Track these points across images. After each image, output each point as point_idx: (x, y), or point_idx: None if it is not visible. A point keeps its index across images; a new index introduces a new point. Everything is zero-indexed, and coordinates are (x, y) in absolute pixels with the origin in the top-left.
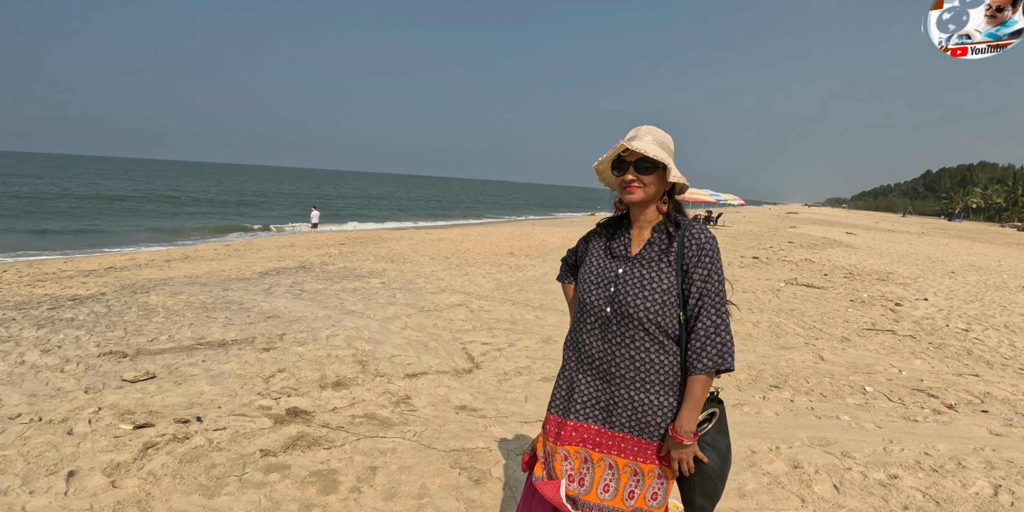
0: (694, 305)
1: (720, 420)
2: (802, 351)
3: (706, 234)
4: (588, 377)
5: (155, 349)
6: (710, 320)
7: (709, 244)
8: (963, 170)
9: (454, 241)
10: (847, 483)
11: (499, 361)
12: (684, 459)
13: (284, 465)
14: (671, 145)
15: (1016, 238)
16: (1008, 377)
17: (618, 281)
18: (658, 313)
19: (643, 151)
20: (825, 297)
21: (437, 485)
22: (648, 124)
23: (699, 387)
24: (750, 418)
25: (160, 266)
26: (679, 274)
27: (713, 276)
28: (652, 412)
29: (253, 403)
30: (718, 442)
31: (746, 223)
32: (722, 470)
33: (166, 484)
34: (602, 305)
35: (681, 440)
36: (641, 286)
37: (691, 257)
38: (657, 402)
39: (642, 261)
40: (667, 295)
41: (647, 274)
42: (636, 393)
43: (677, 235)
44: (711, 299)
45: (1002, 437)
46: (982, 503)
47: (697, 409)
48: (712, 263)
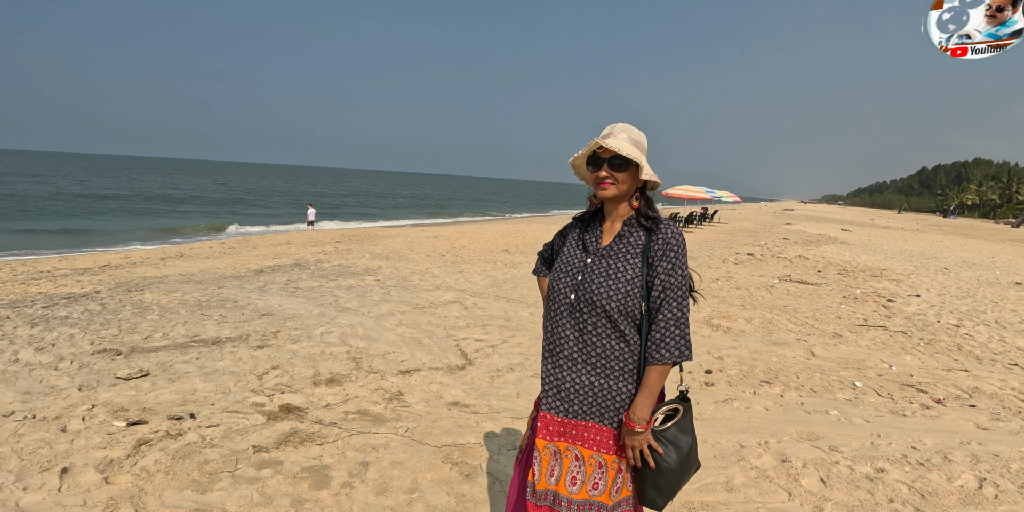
0: (656, 297)
1: (684, 419)
2: (793, 347)
3: (673, 230)
4: (552, 366)
5: (149, 347)
6: (671, 313)
7: (675, 240)
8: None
9: (450, 238)
10: (834, 477)
11: (492, 358)
12: (636, 447)
13: (277, 461)
14: (645, 143)
15: (1010, 234)
16: (997, 372)
17: (585, 270)
18: (620, 302)
19: (616, 149)
20: (818, 293)
21: (428, 480)
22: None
23: (655, 377)
24: (740, 413)
25: (155, 264)
26: (644, 267)
27: (677, 270)
28: (611, 397)
29: (246, 400)
30: (679, 440)
31: (742, 220)
32: (680, 468)
33: (159, 480)
34: (567, 292)
35: (632, 426)
36: (606, 276)
37: (657, 251)
38: (616, 387)
39: (611, 253)
40: (630, 286)
41: (614, 265)
42: (597, 379)
43: (646, 230)
44: (673, 293)
45: (989, 431)
46: (967, 496)
47: (651, 398)
48: (677, 258)
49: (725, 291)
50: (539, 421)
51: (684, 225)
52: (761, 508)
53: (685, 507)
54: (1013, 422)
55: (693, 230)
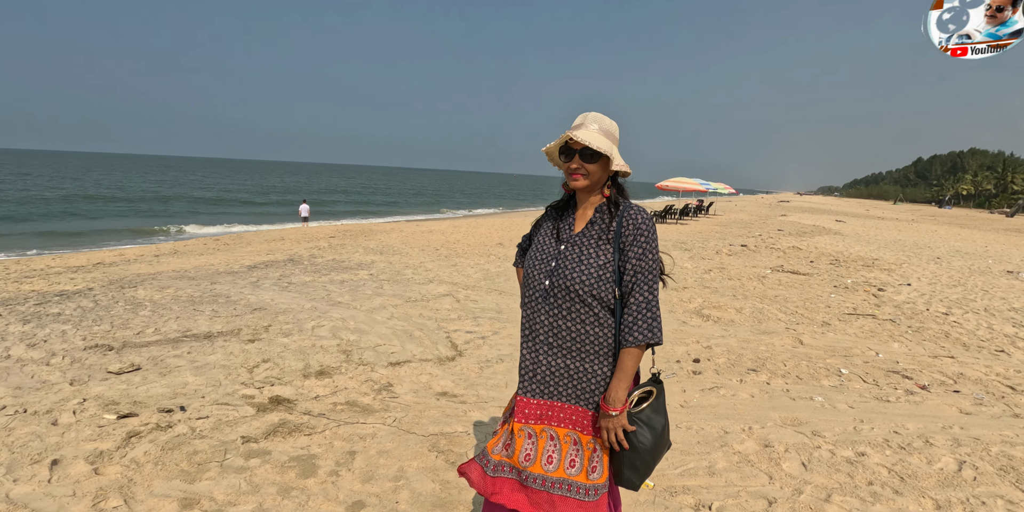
0: (628, 281)
1: (657, 400)
2: (782, 336)
3: (643, 215)
4: (528, 351)
5: (141, 342)
6: (642, 296)
7: (645, 224)
8: (954, 157)
9: (444, 233)
10: (815, 461)
11: (482, 349)
12: (611, 429)
13: (265, 451)
14: (616, 132)
15: (1004, 224)
16: (983, 358)
17: (559, 257)
18: (593, 287)
19: (585, 142)
20: (809, 283)
21: (414, 468)
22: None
23: (629, 359)
24: (726, 400)
25: (149, 261)
26: (616, 252)
27: (648, 255)
28: (588, 379)
29: (236, 392)
30: (653, 421)
31: (737, 212)
32: (654, 448)
33: (148, 470)
34: (542, 278)
35: (608, 409)
36: (579, 261)
37: (628, 236)
38: (592, 370)
39: (583, 239)
40: (603, 270)
41: (586, 251)
42: (574, 362)
43: (617, 216)
44: (644, 276)
45: (971, 416)
46: (945, 478)
47: (626, 380)
48: (647, 242)
49: (717, 282)
50: (516, 405)
51: (679, 217)
52: (742, 491)
53: (668, 491)
54: (996, 406)
55: (688, 222)
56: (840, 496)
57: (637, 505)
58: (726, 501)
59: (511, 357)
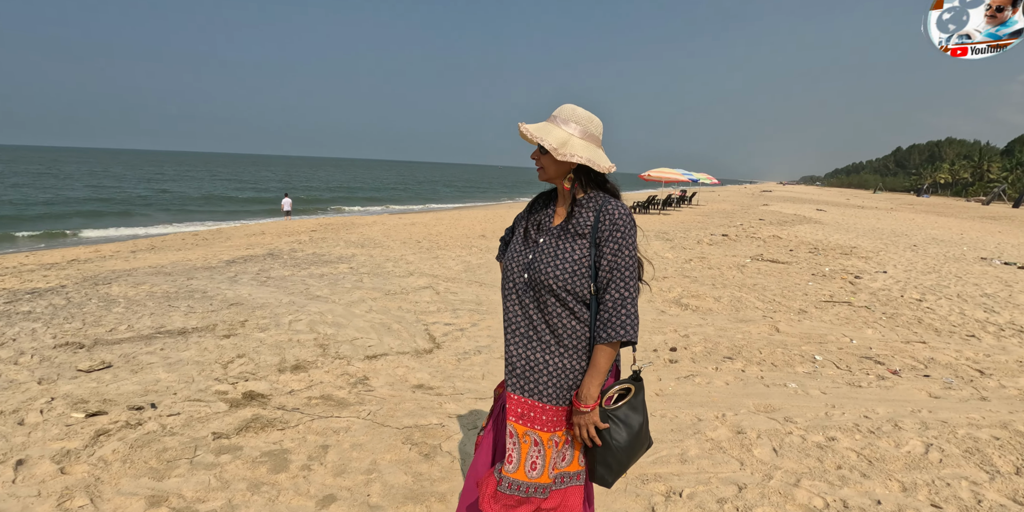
0: (603, 278)
1: (635, 398)
2: (759, 324)
3: (620, 210)
4: (508, 344)
5: (113, 339)
6: (617, 293)
7: (623, 220)
8: (932, 146)
9: (426, 225)
10: (786, 446)
11: (460, 341)
12: (583, 426)
13: (236, 447)
14: (592, 126)
15: (980, 212)
16: (953, 343)
17: (536, 249)
18: (567, 281)
19: (525, 133)
20: (788, 272)
21: (387, 460)
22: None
23: (602, 356)
24: (700, 388)
25: (125, 257)
26: (593, 247)
27: (623, 251)
28: (565, 375)
29: (209, 388)
30: (631, 419)
31: (720, 202)
32: (630, 446)
33: (116, 469)
34: (520, 271)
35: (579, 405)
36: (554, 255)
37: (603, 231)
38: (570, 365)
39: (560, 233)
40: (578, 266)
41: (562, 245)
42: (552, 357)
43: (594, 210)
44: (620, 273)
45: (940, 399)
46: (912, 461)
47: (599, 377)
48: (624, 238)
49: (697, 271)
50: (507, 401)
51: (662, 208)
52: (713, 478)
53: (639, 479)
54: (964, 390)
55: (671, 212)
56: (809, 480)
57: (608, 494)
58: (697, 488)
59: (488, 349)
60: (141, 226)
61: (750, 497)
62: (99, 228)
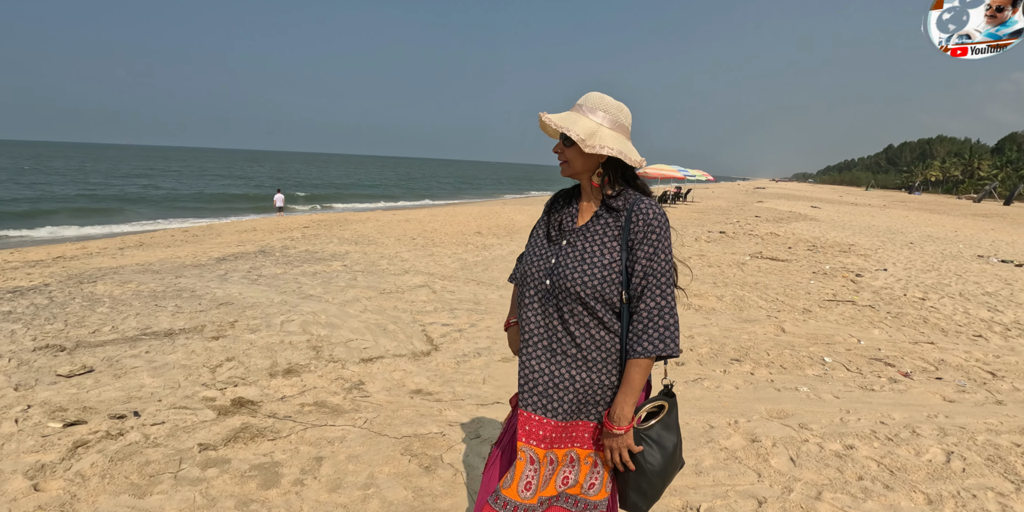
0: (637, 284)
1: (669, 415)
2: (764, 323)
3: (655, 210)
4: (527, 358)
5: (96, 341)
6: (653, 302)
7: (657, 221)
8: (923, 144)
9: (421, 222)
10: (803, 455)
11: (459, 342)
12: (616, 449)
13: (224, 459)
14: (622, 117)
15: (971, 209)
16: (962, 344)
17: (560, 253)
18: (596, 288)
19: (551, 123)
20: (788, 270)
21: (385, 474)
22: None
23: (637, 372)
24: (710, 393)
25: (112, 254)
26: (624, 250)
27: (659, 255)
28: (593, 391)
29: (196, 395)
30: (664, 439)
31: (714, 198)
32: (664, 469)
33: (94, 485)
34: (542, 277)
35: (611, 427)
36: (582, 259)
37: (637, 233)
38: (599, 381)
39: (586, 234)
40: (607, 271)
41: (589, 247)
42: (578, 372)
43: (625, 209)
44: (656, 279)
45: (955, 403)
46: (935, 470)
47: (633, 395)
48: (659, 241)
49: (697, 269)
50: (522, 422)
51: None
52: (730, 491)
53: None
54: (978, 393)
55: (666, 209)
56: (831, 493)
57: None
58: (714, 502)
59: (489, 351)
60: (129, 222)
61: None
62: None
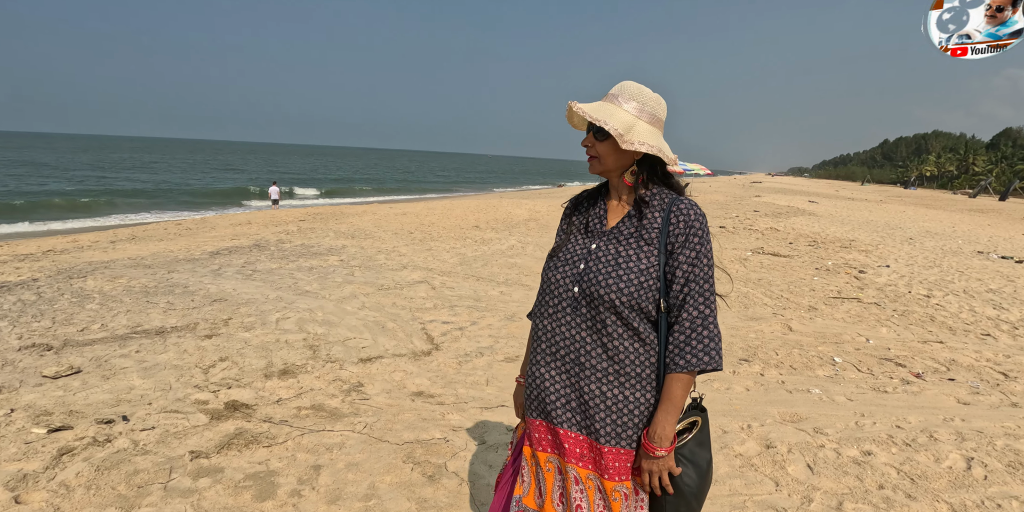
0: (679, 292)
1: (702, 431)
2: (770, 322)
3: (696, 211)
4: (555, 372)
5: (84, 340)
6: (696, 310)
7: (699, 222)
8: (918, 139)
9: (419, 215)
10: (821, 462)
11: (460, 341)
12: (656, 472)
13: (217, 468)
14: (659, 111)
15: (967, 205)
16: (971, 343)
17: (589, 257)
18: (632, 296)
19: (583, 113)
20: (791, 266)
21: (387, 483)
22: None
23: (679, 388)
24: (721, 394)
25: (104, 248)
26: (662, 254)
27: (702, 259)
28: (628, 410)
29: (188, 397)
30: (697, 456)
31: (713, 193)
32: (700, 489)
33: (78, 497)
34: (569, 284)
35: (655, 450)
36: (615, 264)
37: (677, 236)
38: (633, 398)
39: (619, 236)
40: (644, 276)
41: (623, 251)
42: (609, 388)
43: (662, 209)
44: (698, 286)
45: (970, 406)
46: (956, 478)
47: (676, 413)
48: (701, 245)
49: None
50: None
51: None
52: (748, 501)
53: None
54: (992, 395)
55: None
56: (852, 503)
57: None
58: None
59: (491, 350)
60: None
61: None
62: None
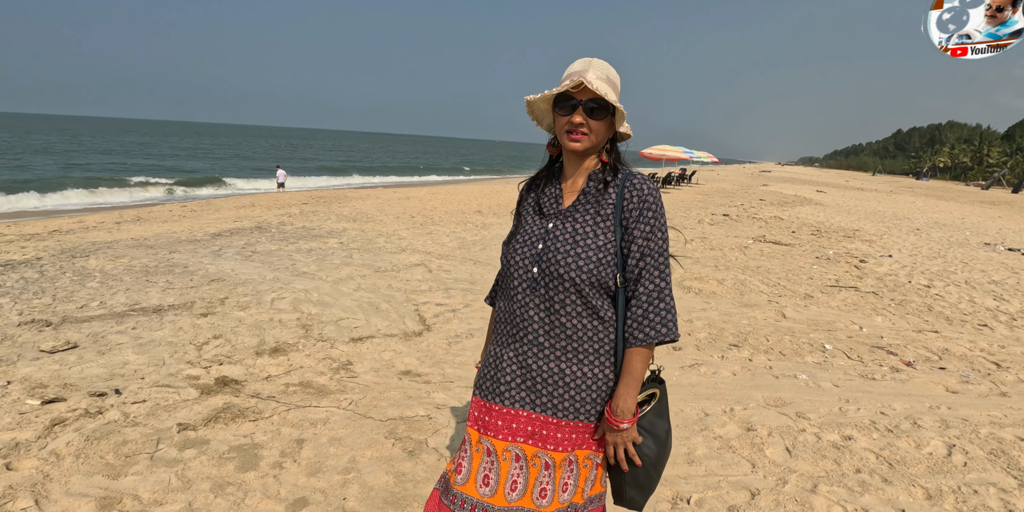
0: (634, 266)
1: (660, 402)
2: (764, 308)
3: (649, 185)
4: (512, 352)
5: (83, 316)
6: (652, 284)
7: (652, 196)
8: (932, 130)
9: (421, 199)
10: (800, 446)
11: (452, 323)
12: (619, 444)
13: (203, 440)
14: (617, 82)
15: (979, 196)
16: (967, 333)
17: (547, 237)
18: (591, 273)
19: (600, 92)
20: (791, 254)
21: (367, 458)
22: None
23: (638, 361)
24: (706, 379)
25: (109, 228)
26: (618, 229)
27: (656, 233)
28: (587, 386)
29: (180, 373)
30: (656, 427)
31: (719, 181)
32: (658, 459)
33: (68, 464)
34: (528, 265)
35: (619, 422)
36: (573, 242)
37: (631, 210)
38: (591, 374)
39: (575, 214)
40: (603, 252)
41: (580, 229)
42: (568, 365)
43: (615, 184)
44: (654, 260)
45: (958, 395)
46: (935, 464)
47: (636, 386)
48: (655, 218)
49: (699, 252)
50: (511, 420)
51: (662, 186)
52: (723, 482)
53: None
54: (982, 384)
55: (671, 191)
56: (827, 485)
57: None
58: (706, 493)
59: (481, 332)
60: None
61: (764, 504)
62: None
